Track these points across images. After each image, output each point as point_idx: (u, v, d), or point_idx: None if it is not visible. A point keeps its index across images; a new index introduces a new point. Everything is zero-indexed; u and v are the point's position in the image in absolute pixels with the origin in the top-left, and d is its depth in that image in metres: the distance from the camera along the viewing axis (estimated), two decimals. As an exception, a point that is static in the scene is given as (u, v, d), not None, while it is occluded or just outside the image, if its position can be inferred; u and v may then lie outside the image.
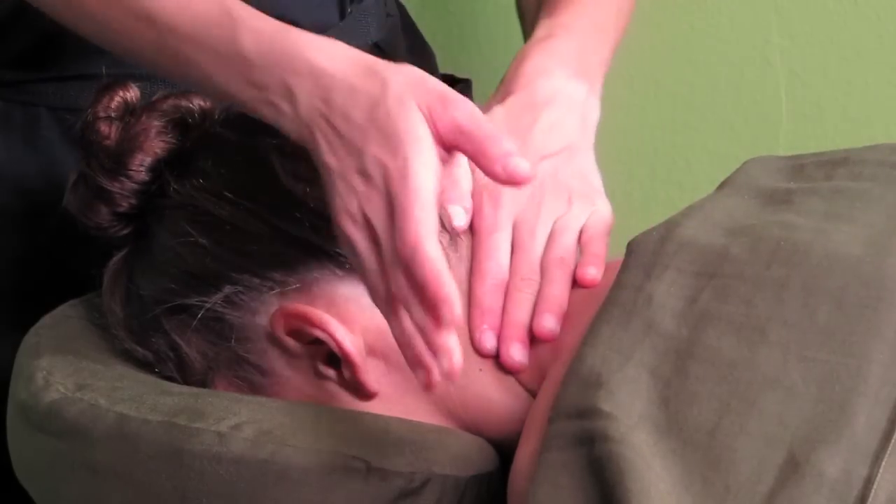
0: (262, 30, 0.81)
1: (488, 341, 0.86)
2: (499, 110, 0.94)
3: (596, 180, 0.94)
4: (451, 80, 1.20)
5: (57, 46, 1.05)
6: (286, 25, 0.82)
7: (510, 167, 0.75)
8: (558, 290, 0.86)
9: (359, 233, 0.77)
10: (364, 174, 0.76)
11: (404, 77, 0.78)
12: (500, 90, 0.96)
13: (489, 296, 0.87)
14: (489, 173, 0.76)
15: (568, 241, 0.89)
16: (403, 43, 1.21)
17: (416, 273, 0.73)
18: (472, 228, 0.89)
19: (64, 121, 1.07)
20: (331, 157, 0.78)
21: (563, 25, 1.00)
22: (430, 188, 0.74)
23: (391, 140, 0.75)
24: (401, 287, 0.74)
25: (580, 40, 0.99)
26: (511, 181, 0.75)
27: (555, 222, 0.90)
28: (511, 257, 0.88)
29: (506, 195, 0.89)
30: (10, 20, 1.06)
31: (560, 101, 0.95)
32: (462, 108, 0.77)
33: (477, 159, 0.77)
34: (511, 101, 0.94)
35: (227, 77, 0.82)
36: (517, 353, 0.85)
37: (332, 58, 0.79)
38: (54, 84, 1.07)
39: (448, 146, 0.77)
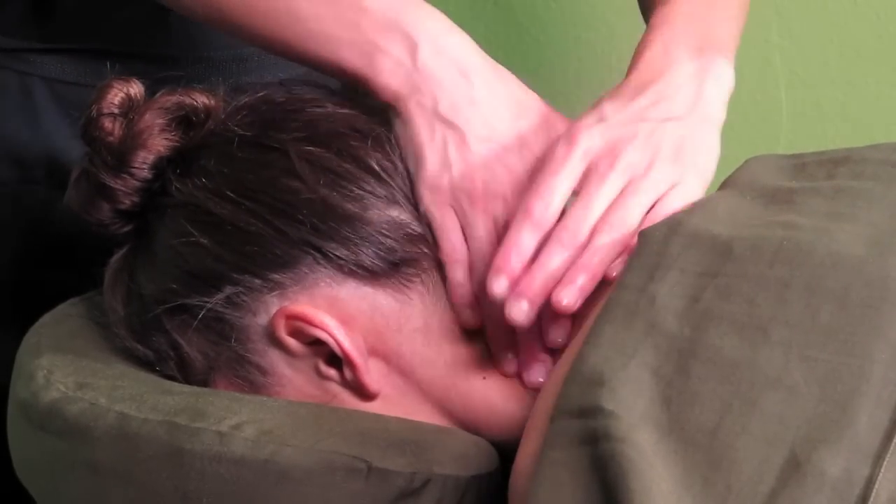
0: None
1: (500, 286, 0.83)
2: (605, 95, 0.89)
3: (700, 156, 0.87)
4: None
5: (52, 18, 1.05)
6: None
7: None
8: (596, 260, 0.82)
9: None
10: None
11: None
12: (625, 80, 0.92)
13: (524, 238, 0.83)
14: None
15: (632, 208, 0.83)
16: None
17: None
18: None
19: (57, 92, 1.07)
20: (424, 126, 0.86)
21: (679, 11, 0.95)
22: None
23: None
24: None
25: (699, 20, 0.94)
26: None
27: (628, 181, 0.84)
28: (571, 204, 0.84)
29: (584, 135, 0.85)
30: None
31: (672, 77, 0.89)
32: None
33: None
34: (618, 86, 0.90)
35: (339, 27, 0.86)
36: (520, 312, 0.82)
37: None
38: (49, 55, 1.08)
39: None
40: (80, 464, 0.85)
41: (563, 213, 0.84)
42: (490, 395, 0.88)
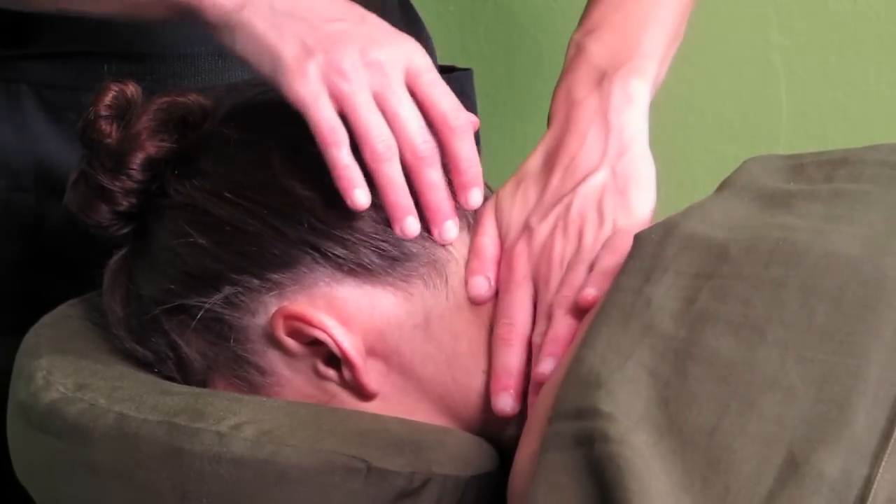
0: None
1: (507, 404, 0.85)
2: (532, 164, 0.93)
3: (628, 190, 0.90)
4: (452, 69, 1.20)
5: (38, 23, 1.05)
6: None
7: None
8: (562, 331, 0.84)
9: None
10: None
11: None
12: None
13: (507, 359, 0.86)
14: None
15: (575, 278, 0.86)
16: (401, 25, 1.20)
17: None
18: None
19: (45, 97, 1.07)
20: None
21: (588, 31, 0.98)
22: None
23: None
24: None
25: (608, 36, 0.96)
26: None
27: (568, 262, 0.88)
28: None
29: (518, 256, 0.89)
30: None
31: (576, 125, 0.92)
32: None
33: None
34: (539, 149, 0.93)
35: None
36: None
37: None
38: (35, 61, 1.07)
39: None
40: (79, 464, 0.85)
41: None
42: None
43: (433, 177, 0.85)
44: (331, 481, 0.81)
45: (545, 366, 0.83)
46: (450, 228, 0.87)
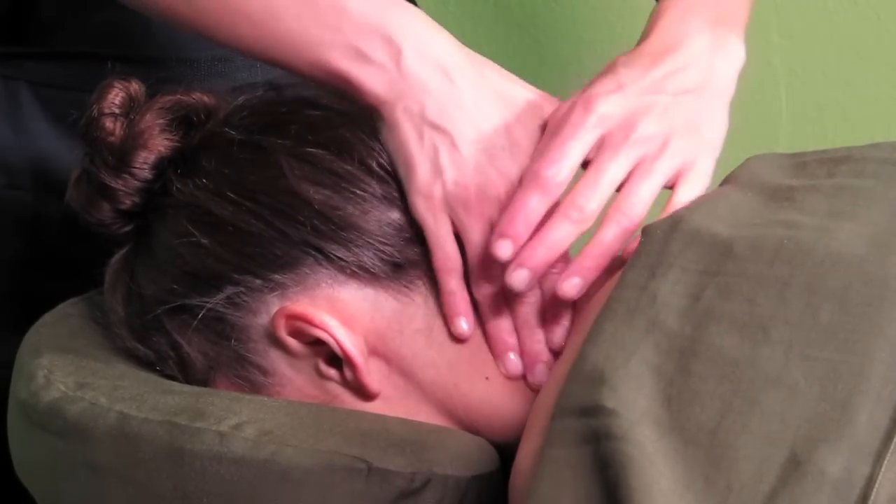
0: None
1: (503, 250, 0.83)
2: (620, 60, 0.89)
3: (711, 132, 0.88)
4: None
5: (38, 22, 1.05)
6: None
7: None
8: (599, 251, 0.83)
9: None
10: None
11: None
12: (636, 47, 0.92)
13: (532, 200, 0.83)
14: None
15: (642, 194, 0.84)
16: None
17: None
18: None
19: (43, 96, 1.07)
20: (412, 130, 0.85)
21: None
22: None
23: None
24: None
25: (708, 4, 0.94)
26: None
27: (641, 158, 0.85)
28: (581, 176, 0.85)
29: (601, 101, 0.85)
30: None
31: (687, 48, 0.89)
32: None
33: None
34: (634, 51, 0.90)
35: (319, 28, 0.84)
36: (520, 281, 0.83)
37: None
38: (36, 60, 1.07)
39: None
40: (80, 464, 0.85)
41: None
42: (492, 395, 0.88)
43: (530, 317, 0.87)
44: (332, 481, 0.81)
45: (571, 286, 0.83)
46: (541, 371, 0.87)
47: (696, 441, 0.68)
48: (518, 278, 0.83)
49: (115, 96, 0.91)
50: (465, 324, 0.86)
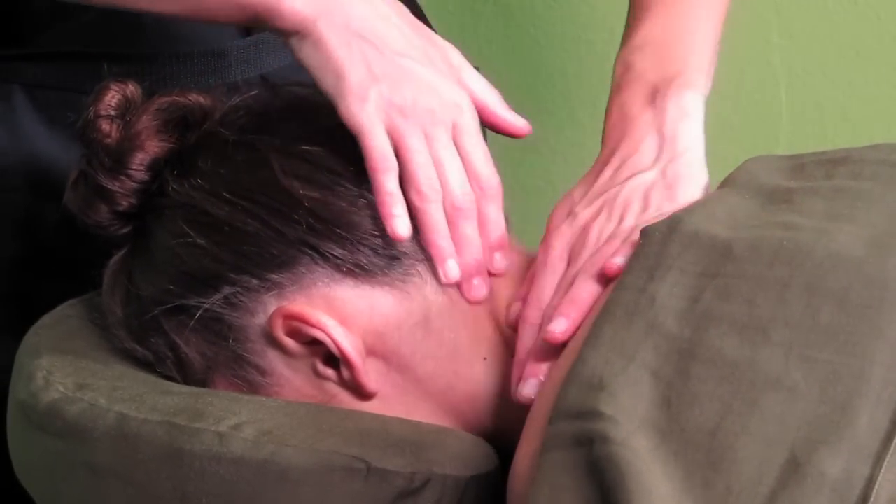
0: None
1: (532, 391, 0.84)
2: (575, 189, 0.93)
3: (677, 190, 0.89)
4: None
5: (31, 23, 1.05)
6: None
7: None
8: (581, 293, 0.84)
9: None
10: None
11: None
12: None
13: (531, 341, 0.85)
14: (489, 121, 0.88)
15: (607, 250, 0.85)
16: None
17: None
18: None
19: (37, 97, 1.07)
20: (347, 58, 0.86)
21: (635, 48, 0.97)
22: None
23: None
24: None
25: (655, 53, 0.96)
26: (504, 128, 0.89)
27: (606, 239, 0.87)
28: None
29: (558, 235, 0.89)
30: None
31: (632, 136, 0.92)
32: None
33: None
34: (593, 166, 0.93)
35: None
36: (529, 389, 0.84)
37: None
38: (28, 61, 1.07)
39: None
40: (79, 464, 0.85)
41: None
42: (492, 376, 0.88)
43: (468, 230, 0.87)
44: (331, 481, 0.81)
45: (557, 325, 0.82)
46: (479, 287, 0.88)
47: (696, 443, 0.68)
48: (529, 389, 0.84)
49: (112, 98, 0.91)
50: (404, 226, 0.85)
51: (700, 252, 0.76)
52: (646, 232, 0.79)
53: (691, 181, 0.89)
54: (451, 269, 0.87)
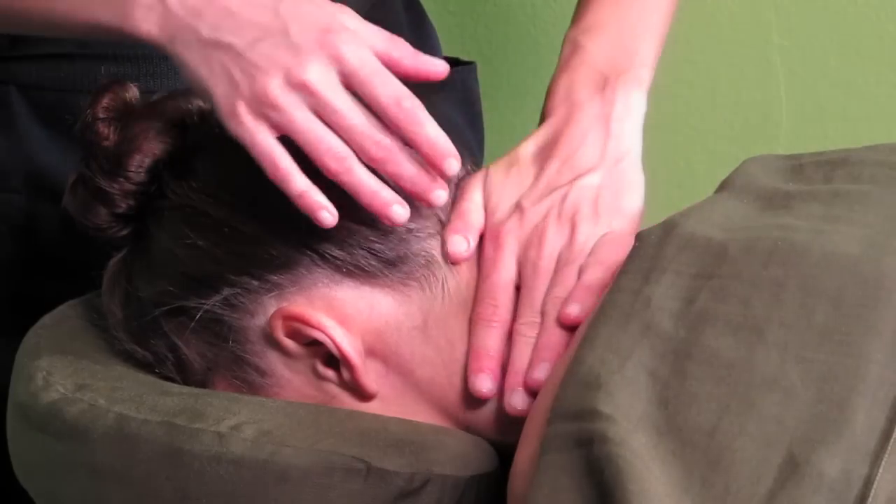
0: None
1: (485, 385, 0.85)
2: (519, 161, 0.93)
3: (620, 199, 0.91)
4: (455, 62, 1.19)
5: None
6: None
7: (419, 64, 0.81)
8: (555, 337, 0.85)
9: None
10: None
11: None
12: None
13: (487, 340, 0.86)
14: (403, 74, 0.81)
15: (567, 278, 0.86)
16: (403, 18, 1.20)
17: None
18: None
19: (34, 99, 1.07)
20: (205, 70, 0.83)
21: (586, 30, 0.98)
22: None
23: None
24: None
25: (606, 38, 0.97)
26: (422, 75, 0.81)
27: (560, 254, 0.88)
28: (517, 299, 0.88)
29: (507, 234, 0.89)
30: None
31: (576, 126, 0.93)
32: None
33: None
34: (536, 136, 0.93)
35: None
36: (519, 401, 0.84)
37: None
38: (24, 62, 1.07)
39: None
40: (79, 465, 0.85)
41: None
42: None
43: (401, 169, 0.82)
44: (330, 482, 0.81)
45: (540, 372, 0.83)
46: (439, 195, 0.84)
47: (694, 443, 0.68)
48: (519, 400, 0.84)
49: (109, 101, 0.91)
50: (328, 216, 0.82)
51: (695, 253, 0.76)
52: (641, 236, 0.79)
53: (634, 188, 0.92)
54: (395, 213, 0.82)
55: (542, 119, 0.95)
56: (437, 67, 0.85)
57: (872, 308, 0.70)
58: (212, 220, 0.87)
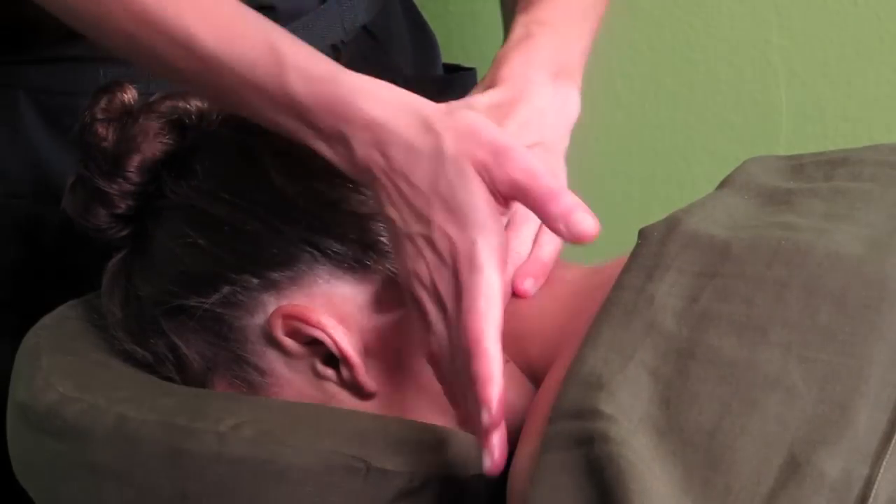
0: (311, 73, 0.81)
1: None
2: (481, 99, 0.92)
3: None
4: (456, 69, 1.19)
5: (37, 29, 1.05)
6: (333, 65, 0.82)
7: (573, 224, 0.76)
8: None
9: (429, 300, 0.80)
10: (432, 244, 0.78)
11: (457, 131, 0.78)
12: (479, 89, 0.95)
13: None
14: (552, 230, 0.77)
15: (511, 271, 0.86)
16: (404, 26, 1.20)
17: (472, 365, 0.76)
18: None
19: (42, 103, 1.07)
20: (395, 212, 0.80)
21: (539, 22, 0.98)
22: (497, 281, 0.77)
23: (457, 215, 0.77)
24: (458, 367, 0.78)
25: (557, 37, 0.98)
26: (575, 238, 0.76)
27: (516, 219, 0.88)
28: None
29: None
30: None
31: (536, 100, 0.93)
32: (517, 164, 0.77)
33: (538, 215, 0.77)
34: (492, 93, 0.92)
35: (276, 113, 0.82)
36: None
37: (385, 107, 0.79)
38: (34, 66, 1.07)
39: (507, 200, 0.78)
40: (79, 465, 0.85)
41: None
42: None
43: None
44: (330, 481, 0.81)
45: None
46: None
47: (695, 443, 0.68)
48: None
49: (108, 102, 0.92)
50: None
51: (698, 251, 0.76)
52: (644, 232, 0.79)
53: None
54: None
55: (489, 84, 0.94)
56: (585, 226, 0.79)
57: (876, 309, 0.70)
58: (212, 219, 0.87)
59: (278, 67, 0.81)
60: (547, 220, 0.76)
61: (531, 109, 0.92)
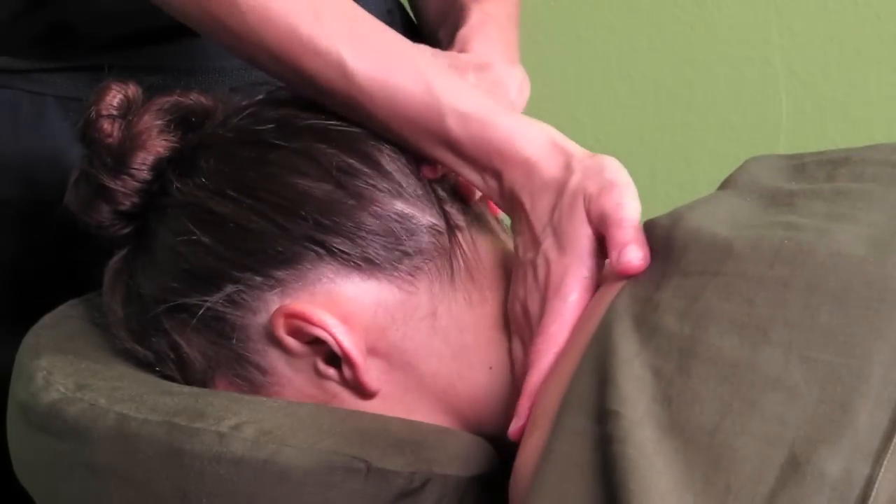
0: (467, 113, 0.85)
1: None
2: (462, 56, 0.99)
3: None
4: None
5: (68, 36, 1.05)
6: (484, 101, 0.86)
7: (623, 256, 0.79)
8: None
9: (516, 319, 0.86)
10: (534, 269, 0.84)
11: (586, 171, 0.83)
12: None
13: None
14: (608, 256, 0.81)
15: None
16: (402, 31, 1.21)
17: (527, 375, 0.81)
18: None
19: (71, 111, 1.07)
20: (520, 239, 0.86)
21: (490, 15, 1.06)
22: (573, 309, 0.81)
23: (560, 241, 0.83)
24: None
25: (504, 31, 1.05)
26: (621, 270, 0.79)
27: None
28: None
29: None
30: (21, 8, 1.05)
31: (501, 71, 1.00)
32: (611, 196, 0.81)
33: (606, 241, 0.81)
34: (470, 55, 1.00)
35: (428, 144, 0.87)
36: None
37: (539, 147, 0.85)
38: (63, 74, 1.07)
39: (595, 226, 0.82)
40: (79, 465, 0.85)
41: None
42: (495, 386, 0.88)
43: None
44: (331, 481, 0.81)
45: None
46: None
47: (696, 441, 0.68)
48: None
49: (113, 98, 0.92)
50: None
51: (700, 249, 0.76)
52: (648, 226, 0.79)
53: None
54: None
55: (454, 45, 1.02)
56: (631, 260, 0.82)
57: (877, 309, 0.70)
58: (216, 217, 0.87)
59: (435, 104, 0.85)
60: (609, 246, 0.80)
61: (500, 74, 0.99)
